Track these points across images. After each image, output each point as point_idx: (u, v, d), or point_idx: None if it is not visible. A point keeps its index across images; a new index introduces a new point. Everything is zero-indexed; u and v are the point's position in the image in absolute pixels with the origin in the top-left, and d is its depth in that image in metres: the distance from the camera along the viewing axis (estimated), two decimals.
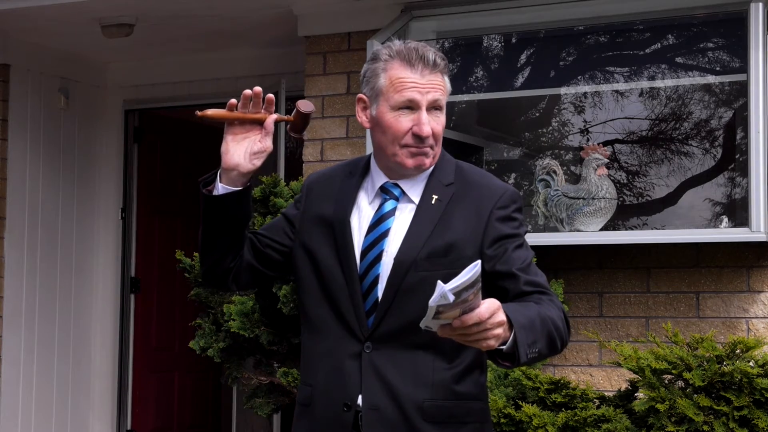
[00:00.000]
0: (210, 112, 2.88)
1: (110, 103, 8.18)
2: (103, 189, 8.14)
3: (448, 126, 2.88)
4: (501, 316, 2.45)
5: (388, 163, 2.84)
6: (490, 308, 2.42)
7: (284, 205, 5.60)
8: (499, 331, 2.44)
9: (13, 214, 7.45)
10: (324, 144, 6.42)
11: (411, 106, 2.77)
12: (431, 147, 2.80)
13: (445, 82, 2.82)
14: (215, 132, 9.35)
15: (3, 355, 7.33)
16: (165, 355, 8.32)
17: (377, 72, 2.82)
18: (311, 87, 6.48)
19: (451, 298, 2.31)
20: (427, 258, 2.74)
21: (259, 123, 2.91)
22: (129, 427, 8.06)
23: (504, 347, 2.51)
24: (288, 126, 2.93)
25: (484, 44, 6.33)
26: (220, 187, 2.96)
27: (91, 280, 8.08)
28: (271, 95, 2.94)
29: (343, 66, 6.38)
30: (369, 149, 5.96)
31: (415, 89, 2.76)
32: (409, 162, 2.79)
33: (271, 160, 7.03)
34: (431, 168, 2.85)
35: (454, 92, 6.27)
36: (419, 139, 2.77)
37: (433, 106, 2.78)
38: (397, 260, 2.76)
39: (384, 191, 2.85)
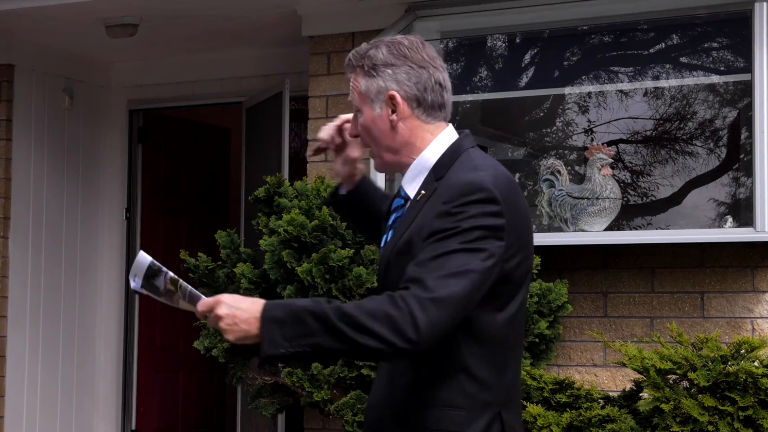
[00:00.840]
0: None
1: (114, 103, 8.19)
2: (108, 189, 8.15)
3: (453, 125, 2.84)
4: (219, 311, 2.56)
5: None
6: (204, 303, 2.60)
7: (288, 205, 5.60)
8: (222, 324, 2.55)
9: (17, 214, 7.45)
10: None
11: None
12: (369, 146, 2.81)
13: (357, 82, 2.78)
14: (220, 132, 9.41)
15: (8, 355, 7.34)
16: (169, 355, 8.33)
17: None
18: (315, 87, 6.48)
19: (133, 283, 2.63)
20: (396, 256, 2.68)
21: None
22: (133, 427, 8.06)
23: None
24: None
25: (488, 44, 6.33)
26: (339, 192, 3.19)
27: (96, 280, 8.09)
28: (343, 118, 3.05)
29: None
30: None
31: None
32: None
33: (275, 160, 7.03)
34: (432, 161, 2.73)
35: (458, 92, 6.29)
36: None
37: (357, 108, 2.81)
38: (380, 262, 2.78)
39: (399, 191, 2.85)
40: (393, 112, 2.74)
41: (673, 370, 4.59)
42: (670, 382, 4.64)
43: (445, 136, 2.77)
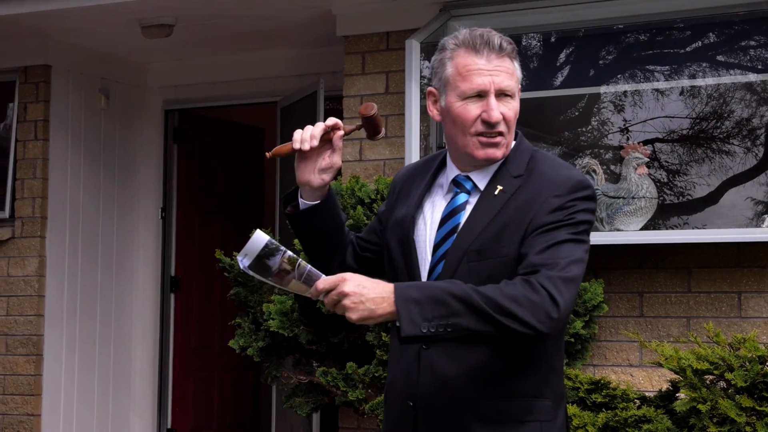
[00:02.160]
0: (278, 149, 2.90)
1: (150, 103, 8.23)
2: (143, 188, 8.19)
3: None
4: (345, 287, 2.50)
5: (459, 154, 2.78)
6: (327, 281, 2.53)
7: None
8: (348, 302, 2.50)
9: (54, 214, 7.51)
10: (363, 144, 6.42)
11: (479, 93, 2.70)
12: (503, 135, 2.71)
13: (513, 67, 2.74)
14: (254, 131, 9.43)
15: (45, 353, 7.39)
16: (204, 354, 8.36)
17: (444, 62, 2.76)
18: (350, 87, 6.48)
19: (242, 263, 2.53)
20: (477, 250, 2.67)
21: (329, 141, 2.89)
22: (169, 426, 8.10)
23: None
24: (366, 135, 2.92)
25: (523, 43, 6.32)
26: (301, 203, 2.92)
27: (132, 279, 8.13)
28: (333, 120, 2.91)
29: (381, 66, 6.38)
30: (407, 149, 5.96)
31: (482, 75, 2.69)
32: (480, 153, 2.72)
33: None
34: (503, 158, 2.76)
35: None
36: (489, 125, 2.69)
37: (502, 92, 2.71)
38: (451, 251, 2.71)
39: (456, 184, 2.80)
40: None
41: (710, 370, 4.56)
42: (707, 382, 4.61)
43: None
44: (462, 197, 2.76)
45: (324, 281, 2.55)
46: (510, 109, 2.72)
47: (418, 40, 5.93)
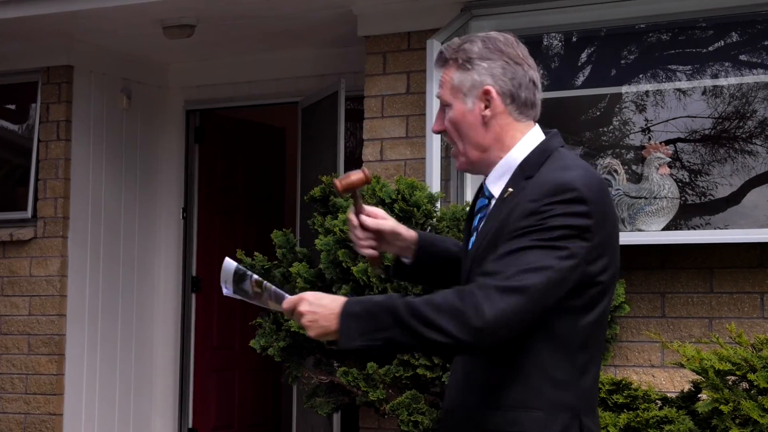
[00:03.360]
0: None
1: (171, 103, 8.25)
2: (165, 189, 8.21)
3: None
4: (301, 307, 2.61)
5: None
6: (288, 301, 2.65)
7: (344, 205, 5.61)
8: (304, 321, 2.60)
9: (76, 214, 7.53)
10: (383, 144, 6.42)
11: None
12: (455, 144, 2.73)
13: (449, 76, 2.72)
14: (275, 132, 9.44)
15: (67, 353, 7.42)
16: (225, 354, 8.38)
17: None
18: (371, 87, 6.48)
19: (225, 290, 2.73)
20: (482, 253, 2.63)
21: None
22: (190, 425, 8.12)
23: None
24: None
25: (545, 43, 6.30)
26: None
27: (153, 279, 8.15)
28: (353, 221, 2.94)
29: (403, 66, 6.38)
30: (428, 149, 5.95)
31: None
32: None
33: (330, 159, 7.05)
34: (519, 160, 2.69)
35: None
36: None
37: (441, 103, 2.74)
38: (467, 259, 2.73)
39: (482, 189, 2.79)
40: (486, 107, 2.69)
41: (732, 371, 4.54)
42: (729, 383, 4.59)
43: (533, 134, 2.73)
44: (481, 202, 2.77)
45: (286, 302, 2.66)
46: (447, 119, 2.73)
47: (440, 40, 5.92)
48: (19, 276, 7.54)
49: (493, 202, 2.71)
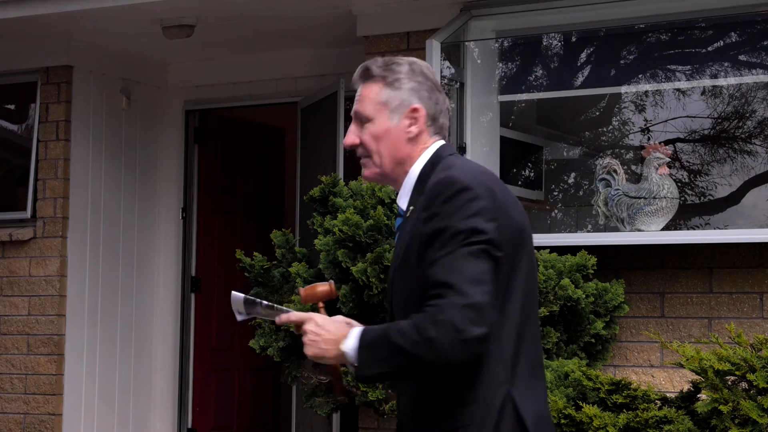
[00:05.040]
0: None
1: (171, 103, 8.25)
2: (164, 188, 8.21)
3: (506, 125, 2.85)
4: (307, 326, 2.72)
5: None
6: (298, 315, 2.76)
7: (343, 205, 5.61)
8: (305, 339, 2.71)
9: (76, 214, 7.53)
10: None
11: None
12: (366, 157, 2.84)
13: (370, 91, 2.83)
14: (275, 132, 9.43)
15: (66, 353, 7.42)
16: (225, 354, 8.37)
17: None
18: None
19: (240, 317, 2.92)
20: (396, 274, 2.76)
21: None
22: (189, 425, 8.12)
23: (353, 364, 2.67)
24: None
25: (544, 43, 6.30)
26: None
27: (153, 279, 8.15)
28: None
29: None
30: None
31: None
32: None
33: (330, 159, 7.05)
34: (415, 176, 2.80)
35: (513, 91, 6.27)
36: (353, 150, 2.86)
37: (357, 117, 2.85)
38: (388, 281, 2.85)
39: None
40: (411, 124, 2.81)
41: (732, 371, 4.54)
42: (729, 383, 4.59)
43: (431, 149, 2.83)
44: (397, 221, 2.88)
45: (295, 314, 2.79)
46: (365, 133, 2.83)
47: (439, 40, 5.92)
48: (19, 276, 7.54)
49: (403, 219, 2.82)
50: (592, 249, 5.57)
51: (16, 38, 7.35)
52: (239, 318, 2.92)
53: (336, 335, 2.69)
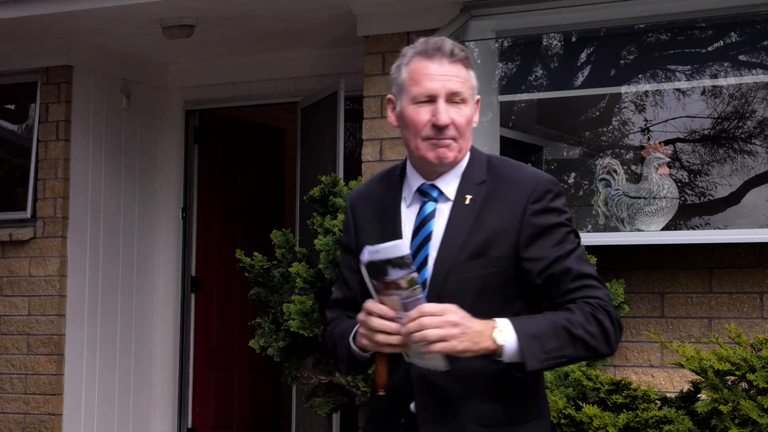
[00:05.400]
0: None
1: (171, 103, 8.25)
2: (164, 189, 8.21)
3: (506, 125, 2.86)
4: (450, 317, 2.54)
5: (415, 160, 2.82)
6: (434, 305, 2.56)
7: (343, 205, 5.61)
8: (455, 331, 2.54)
9: (75, 214, 7.53)
10: (383, 144, 6.43)
11: (430, 97, 2.74)
12: (454, 139, 2.75)
13: (467, 75, 2.77)
14: (275, 132, 9.43)
15: (66, 353, 7.42)
16: (225, 354, 8.37)
17: (400, 68, 2.82)
18: (370, 87, 6.49)
19: (367, 256, 2.53)
20: (465, 260, 2.71)
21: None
22: (189, 425, 8.12)
23: (503, 357, 2.60)
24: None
25: (544, 43, 6.30)
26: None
27: (153, 279, 8.15)
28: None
29: None
30: None
31: (433, 79, 2.74)
32: (431, 155, 2.75)
33: (330, 159, 7.05)
34: (463, 166, 2.81)
35: (513, 91, 6.27)
36: (438, 129, 2.73)
37: (454, 98, 2.75)
38: (437, 265, 2.74)
39: (422, 193, 2.82)
40: (476, 115, 2.82)
41: (732, 371, 4.54)
42: (729, 383, 4.59)
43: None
44: (430, 206, 2.79)
45: (431, 305, 2.57)
46: (461, 115, 2.75)
47: None
48: (19, 276, 7.54)
49: (447, 205, 2.77)
50: (592, 249, 5.57)
51: (16, 38, 7.35)
52: (365, 257, 2.56)
53: (482, 327, 2.59)
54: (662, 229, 5.73)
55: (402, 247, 2.55)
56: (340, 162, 6.92)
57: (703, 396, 4.70)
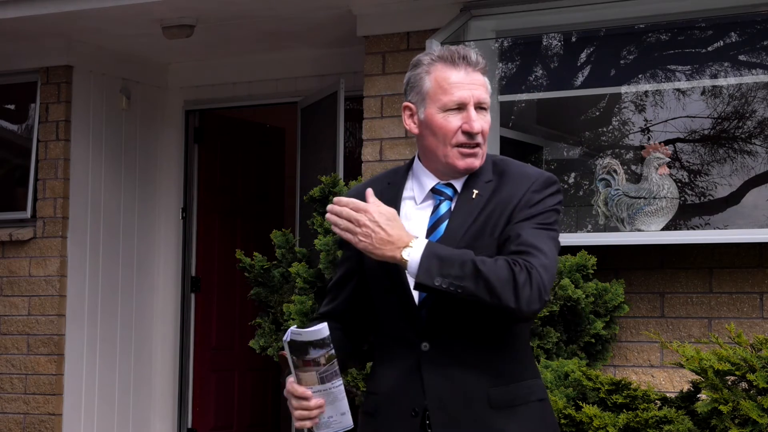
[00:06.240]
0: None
1: (171, 103, 8.25)
2: (164, 189, 8.21)
3: (506, 125, 2.89)
4: (362, 218, 2.69)
5: (439, 165, 2.88)
6: (363, 204, 2.73)
7: None
8: (351, 226, 2.69)
9: (75, 214, 7.53)
10: (383, 144, 6.43)
11: (460, 105, 2.83)
12: (479, 145, 2.85)
13: (486, 82, 2.88)
14: (275, 132, 9.44)
15: (66, 353, 7.42)
16: (225, 354, 8.37)
17: (422, 76, 2.88)
18: (370, 87, 6.49)
19: (292, 337, 2.66)
20: (472, 241, 2.78)
21: None
22: (189, 426, 8.12)
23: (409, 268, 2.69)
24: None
25: (544, 43, 6.30)
26: None
27: (153, 279, 8.15)
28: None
29: (402, 66, 6.37)
30: None
31: (462, 88, 2.82)
32: (461, 163, 2.84)
33: (330, 160, 7.05)
34: None
35: (513, 91, 6.27)
36: (470, 136, 2.82)
37: (479, 105, 2.84)
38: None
39: (436, 192, 2.89)
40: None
41: (732, 371, 4.54)
42: (729, 383, 4.59)
43: None
44: (445, 205, 2.87)
45: (355, 203, 2.73)
46: (486, 122, 2.87)
47: (439, 40, 5.92)
48: (19, 276, 7.54)
49: (453, 200, 2.86)
50: (592, 249, 5.57)
51: (16, 38, 7.35)
52: (288, 336, 2.70)
53: (394, 239, 2.69)
54: (662, 229, 5.73)
55: (324, 331, 2.68)
56: (340, 162, 6.92)
57: (703, 396, 4.70)
